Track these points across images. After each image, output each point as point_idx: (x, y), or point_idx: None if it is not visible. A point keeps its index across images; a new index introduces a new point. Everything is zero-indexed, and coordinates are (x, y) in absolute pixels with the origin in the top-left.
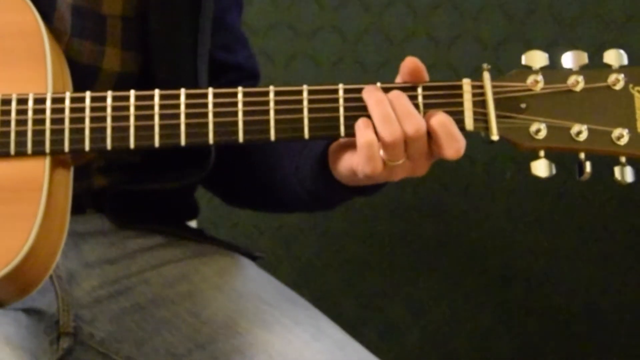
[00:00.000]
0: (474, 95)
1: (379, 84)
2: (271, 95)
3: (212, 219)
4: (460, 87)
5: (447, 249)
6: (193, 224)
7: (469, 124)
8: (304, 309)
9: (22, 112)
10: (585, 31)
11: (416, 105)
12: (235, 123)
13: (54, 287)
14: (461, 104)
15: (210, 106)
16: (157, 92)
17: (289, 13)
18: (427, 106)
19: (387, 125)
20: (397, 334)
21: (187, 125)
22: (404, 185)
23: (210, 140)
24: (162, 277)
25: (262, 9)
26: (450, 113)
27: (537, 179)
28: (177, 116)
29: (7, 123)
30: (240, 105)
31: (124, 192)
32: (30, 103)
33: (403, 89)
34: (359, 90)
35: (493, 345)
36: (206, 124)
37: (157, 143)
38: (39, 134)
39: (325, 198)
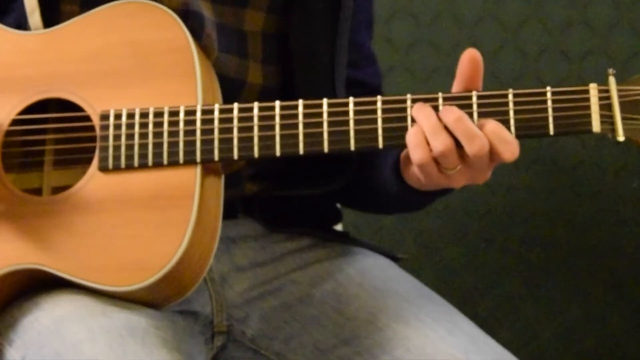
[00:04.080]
0: (600, 99)
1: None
2: (408, 103)
3: (355, 224)
4: (587, 92)
5: (579, 252)
6: (338, 228)
7: (596, 126)
8: (440, 305)
9: (174, 123)
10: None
11: (545, 110)
12: (375, 130)
13: (208, 289)
14: (588, 107)
15: (351, 114)
16: (301, 102)
17: (429, 30)
18: (556, 110)
19: (435, 137)
20: (530, 333)
21: (330, 133)
22: (538, 192)
23: (352, 147)
24: (309, 276)
25: (404, 26)
26: (578, 116)
27: None
28: (320, 124)
29: (160, 134)
30: (379, 113)
31: (274, 197)
32: (182, 115)
33: (532, 94)
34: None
35: (623, 344)
36: (347, 132)
37: (301, 150)
38: (190, 144)
39: (408, 201)
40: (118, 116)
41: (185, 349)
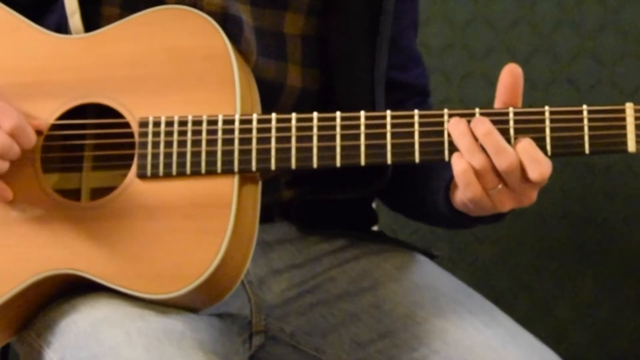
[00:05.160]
0: (636, 118)
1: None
2: (445, 118)
3: (391, 226)
4: (623, 111)
5: (611, 254)
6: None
7: (631, 145)
8: (478, 300)
9: (212, 132)
10: None
11: (581, 128)
12: (412, 144)
13: (246, 291)
14: (624, 127)
15: (388, 127)
16: (338, 114)
17: (464, 34)
18: (591, 129)
19: (472, 156)
20: (563, 333)
21: (367, 146)
22: (571, 194)
23: (389, 160)
24: (346, 273)
25: (438, 31)
26: (612, 135)
27: None
28: (357, 137)
29: (198, 143)
30: (416, 127)
31: (310, 201)
32: (220, 124)
33: (568, 112)
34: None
35: None
36: (385, 145)
37: (338, 163)
38: (228, 154)
39: (455, 222)
40: (157, 124)
41: (222, 351)
